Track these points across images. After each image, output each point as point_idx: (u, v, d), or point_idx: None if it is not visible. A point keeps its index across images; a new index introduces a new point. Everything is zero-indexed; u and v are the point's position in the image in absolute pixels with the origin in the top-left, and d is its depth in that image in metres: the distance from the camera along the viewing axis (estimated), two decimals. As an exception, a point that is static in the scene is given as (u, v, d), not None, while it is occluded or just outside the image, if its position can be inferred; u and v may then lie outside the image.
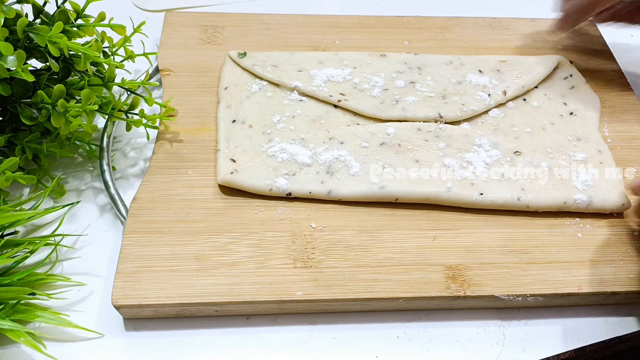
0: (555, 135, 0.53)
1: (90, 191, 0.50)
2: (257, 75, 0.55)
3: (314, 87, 0.54)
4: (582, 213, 0.48)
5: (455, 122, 0.53)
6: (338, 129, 0.52)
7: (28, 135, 0.47)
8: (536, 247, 0.46)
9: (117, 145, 0.53)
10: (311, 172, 0.48)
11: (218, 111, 0.52)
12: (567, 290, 0.43)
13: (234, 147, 0.49)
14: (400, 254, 0.44)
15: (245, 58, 0.57)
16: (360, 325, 0.43)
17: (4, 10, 0.44)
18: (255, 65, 0.56)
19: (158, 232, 0.44)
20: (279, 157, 0.48)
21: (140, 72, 0.58)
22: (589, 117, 0.55)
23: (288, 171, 0.48)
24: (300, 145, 0.49)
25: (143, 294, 0.41)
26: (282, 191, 0.47)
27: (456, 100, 0.54)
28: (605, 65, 0.61)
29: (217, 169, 0.48)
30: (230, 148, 0.49)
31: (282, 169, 0.48)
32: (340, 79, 0.55)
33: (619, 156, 0.52)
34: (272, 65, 0.56)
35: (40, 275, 0.43)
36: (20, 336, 0.38)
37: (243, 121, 0.51)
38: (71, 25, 0.47)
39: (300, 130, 0.51)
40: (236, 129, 0.51)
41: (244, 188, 0.47)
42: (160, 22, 0.62)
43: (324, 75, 0.55)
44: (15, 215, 0.42)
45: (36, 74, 0.46)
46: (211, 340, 0.42)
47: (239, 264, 0.43)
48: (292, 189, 0.47)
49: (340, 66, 0.57)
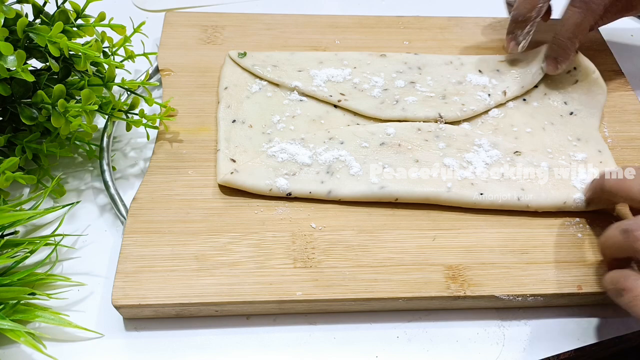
0: (555, 135, 0.53)
1: (90, 191, 0.50)
2: (257, 75, 0.55)
3: (314, 87, 0.54)
4: (582, 213, 0.48)
5: (455, 122, 0.53)
6: (338, 129, 0.52)
7: (28, 135, 0.47)
8: (536, 247, 0.46)
9: (117, 145, 0.53)
10: (311, 172, 0.48)
11: (218, 111, 0.52)
12: (567, 290, 0.43)
13: (234, 147, 0.49)
14: (400, 254, 0.44)
15: (245, 58, 0.57)
16: (360, 325, 0.43)
17: (4, 10, 0.44)
18: (255, 66, 0.56)
19: (158, 232, 0.44)
20: (279, 157, 0.48)
21: (140, 72, 0.58)
22: (590, 117, 0.54)
23: (288, 171, 0.48)
24: (300, 145, 0.49)
25: (143, 294, 0.41)
26: (282, 191, 0.47)
27: (456, 100, 0.54)
28: (606, 65, 0.61)
29: (217, 169, 0.48)
30: (230, 148, 0.49)
31: (282, 169, 0.48)
32: (340, 79, 0.55)
33: (619, 156, 0.52)
34: (272, 65, 0.56)
35: (40, 275, 0.43)
36: (20, 336, 0.38)
37: (243, 121, 0.51)
38: (71, 25, 0.47)
39: (300, 130, 0.51)
40: (236, 129, 0.51)
41: (244, 188, 0.47)
42: (160, 22, 0.62)
43: (323, 75, 0.55)
44: (15, 215, 0.42)
45: (36, 74, 0.46)
46: (211, 340, 0.42)
47: (239, 264, 0.43)
48: (292, 189, 0.47)
49: (340, 66, 0.57)
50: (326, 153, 0.49)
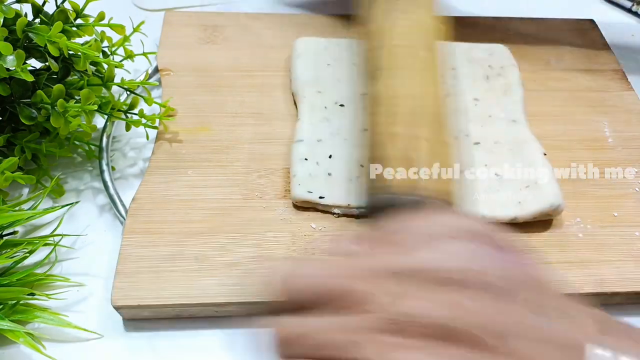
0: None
1: (90, 191, 0.50)
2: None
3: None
4: (582, 213, 0.48)
5: None
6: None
7: (27, 135, 0.47)
8: (536, 247, 0.46)
9: (116, 145, 0.53)
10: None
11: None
12: (567, 290, 0.43)
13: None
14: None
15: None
16: (360, 326, 0.43)
17: (3, 10, 0.43)
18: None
19: (158, 233, 0.44)
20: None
21: (139, 71, 0.58)
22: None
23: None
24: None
25: (143, 294, 0.41)
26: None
27: None
28: (606, 65, 0.61)
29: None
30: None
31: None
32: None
33: (619, 156, 0.52)
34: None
35: (39, 276, 0.42)
36: (20, 336, 0.38)
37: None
38: (70, 25, 0.47)
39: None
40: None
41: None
42: (159, 21, 0.62)
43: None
44: (14, 215, 0.41)
45: (35, 74, 0.46)
46: (211, 341, 0.41)
47: (239, 264, 0.43)
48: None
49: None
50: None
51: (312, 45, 0.58)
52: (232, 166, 0.49)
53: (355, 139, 0.49)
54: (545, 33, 0.64)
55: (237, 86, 0.56)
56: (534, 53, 0.61)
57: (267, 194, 0.47)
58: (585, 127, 0.55)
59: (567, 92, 0.58)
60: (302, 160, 0.48)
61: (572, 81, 0.60)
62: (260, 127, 0.53)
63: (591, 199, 0.49)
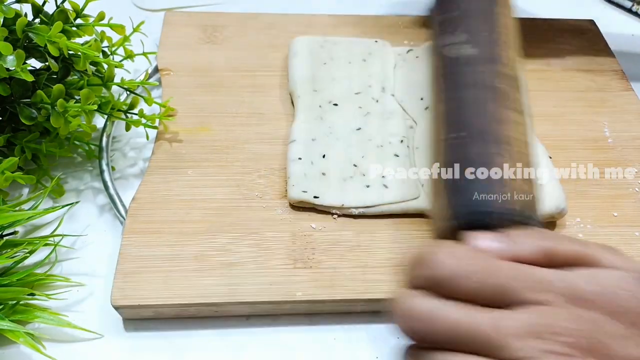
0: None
1: (90, 191, 0.50)
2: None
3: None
4: (582, 213, 0.48)
5: None
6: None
7: (27, 135, 0.47)
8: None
9: (116, 145, 0.53)
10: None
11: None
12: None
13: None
14: (400, 254, 0.44)
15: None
16: (360, 326, 0.43)
17: (3, 10, 0.43)
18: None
19: (157, 233, 0.44)
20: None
21: (139, 71, 0.58)
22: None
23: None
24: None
25: (143, 294, 0.41)
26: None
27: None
28: (606, 65, 0.61)
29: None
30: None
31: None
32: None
33: (619, 156, 0.52)
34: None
35: (39, 276, 0.42)
36: (20, 337, 0.38)
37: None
38: (70, 24, 0.47)
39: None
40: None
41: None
42: (159, 21, 0.62)
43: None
44: (14, 215, 0.41)
45: (35, 74, 0.46)
46: (211, 341, 0.41)
47: (239, 264, 0.43)
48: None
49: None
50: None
51: (308, 44, 0.58)
52: (232, 166, 0.49)
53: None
54: (545, 33, 0.64)
55: (237, 86, 0.56)
56: (534, 53, 0.61)
57: (266, 194, 0.47)
58: (585, 127, 0.55)
59: (567, 92, 0.58)
60: (297, 160, 0.48)
61: (572, 81, 0.60)
62: (260, 127, 0.53)
63: (591, 199, 0.49)
